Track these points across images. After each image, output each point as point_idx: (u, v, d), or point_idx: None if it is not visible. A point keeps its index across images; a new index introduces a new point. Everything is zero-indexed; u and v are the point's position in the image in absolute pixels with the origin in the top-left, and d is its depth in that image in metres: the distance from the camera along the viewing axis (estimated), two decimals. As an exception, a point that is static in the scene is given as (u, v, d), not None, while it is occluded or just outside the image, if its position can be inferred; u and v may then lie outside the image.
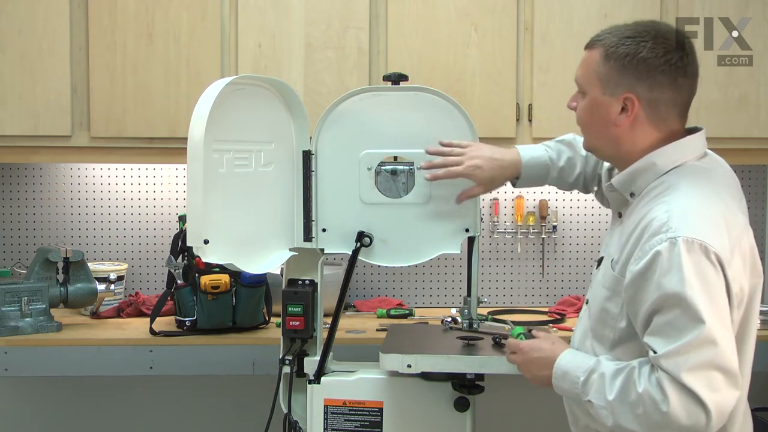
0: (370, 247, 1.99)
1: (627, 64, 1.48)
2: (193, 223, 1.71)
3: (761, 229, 3.10)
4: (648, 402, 1.37)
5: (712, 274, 1.37)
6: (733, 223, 1.44)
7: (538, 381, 1.63)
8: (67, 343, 2.47)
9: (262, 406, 2.09)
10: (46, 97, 2.62)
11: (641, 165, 1.52)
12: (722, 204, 1.46)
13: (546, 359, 1.59)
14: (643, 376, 1.39)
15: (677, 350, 1.35)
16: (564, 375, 1.54)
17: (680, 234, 1.37)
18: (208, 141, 1.71)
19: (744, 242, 1.45)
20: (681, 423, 1.34)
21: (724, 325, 1.36)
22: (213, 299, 2.49)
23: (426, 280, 3.09)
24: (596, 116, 1.54)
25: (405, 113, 1.98)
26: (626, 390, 1.41)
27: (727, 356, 1.35)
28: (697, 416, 1.34)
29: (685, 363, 1.34)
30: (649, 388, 1.37)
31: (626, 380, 1.42)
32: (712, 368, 1.34)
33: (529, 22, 2.68)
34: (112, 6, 2.62)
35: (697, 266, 1.36)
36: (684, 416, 1.34)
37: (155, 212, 3.04)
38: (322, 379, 1.98)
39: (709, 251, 1.37)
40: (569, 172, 1.87)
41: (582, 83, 1.57)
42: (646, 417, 1.38)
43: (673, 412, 1.34)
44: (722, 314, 1.37)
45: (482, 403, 2.03)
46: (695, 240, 1.37)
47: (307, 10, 2.65)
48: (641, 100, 1.49)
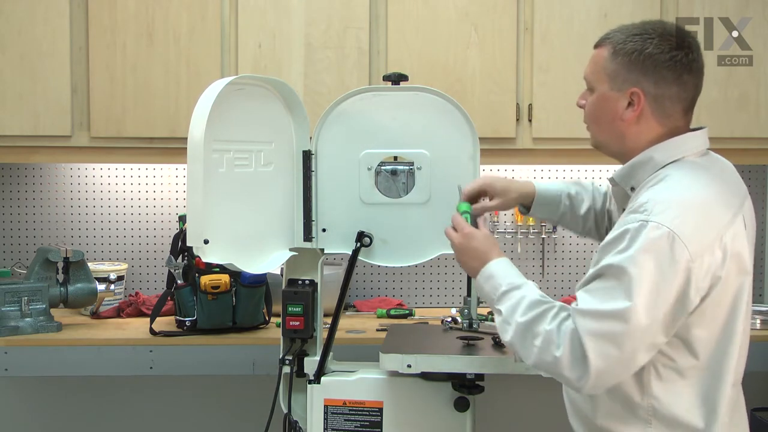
0: (370, 247, 1.99)
1: (634, 60, 1.51)
2: (193, 223, 1.71)
3: (761, 229, 3.10)
4: (546, 340, 1.45)
5: (667, 264, 1.38)
6: (717, 217, 1.45)
7: (465, 267, 1.70)
8: (67, 343, 2.47)
9: (262, 406, 2.09)
10: (46, 97, 2.62)
11: (640, 158, 1.54)
12: (709, 198, 1.47)
13: (482, 253, 1.66)
14: (557, 318, 1.47)
15: (594, 313, 1.41)
16: (489, 277, 1.61)
17: (652, 219, 1.40)
18: (208, 141, 1.71)
19: (727, 237, 1.44)
20: (563, 372, 1.43)
21: (652, 316, 1.38)
22: (213, 299, 2.49)
23: (426, 280, 3.09)
24: (603, 111, 1.57)
25: (405, 113, 1.98)
26: (536, 321, 1.48)
27: (633, 341, 1.39)
28: (578, 373, 1.41)
29: (593, 327, 1.40)
30: (554, 330, 1.45)
31: (541, 314, 1.49)
32: (612, 344, 1.39)
33: (529, 22, 2.68)
34: (112, 6, 2.62)
35: (656, 253, 1.38)
36: (568, 367, 1.42)
37: (155, 212, 3.04)
38: (322, 379, 1.98)
39: (675, 241, 1.38)
40: (578, 203, 1.89)
41: (590, 80, 1.59)
42: (538, 351, 1.46)
43: (562, 359, 1.43)
44: (656, 304, 1.38)
45: (482, 403, 2.03)
46: (665, 227, 1.39)
47: (307, 10, 2.65)
48: (647, 95, 1.51)
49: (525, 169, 3.05)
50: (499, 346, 1.95)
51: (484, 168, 3.00)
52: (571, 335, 1.42)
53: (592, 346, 1.39)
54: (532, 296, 1.53)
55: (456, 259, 1.71)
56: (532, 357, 1.47)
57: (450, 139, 1.96)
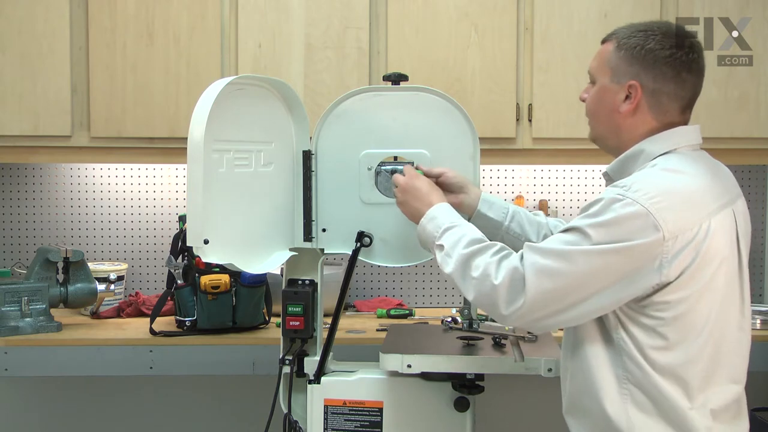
0: (370, 247, 1.99)
1: (636, 54, 1.55)
2: (193, 223, 1.71)
3: (761, 229, 3.10)
4: (485, 272, 1.50)
5: (631, 240, 1.40)
6: (700, 204, 1.46)
7: (406, 208, 1.79)
8: (67, 343, 2.47)
9: (262, 406, 2.09)
10: (46, 97, 2.62)
11: (632, 151, 1.57)
12: (694, 185, 1.48)
13: (424, 194, 1.76)
14: (498, 254, 1.53)
15: (542, 250, 1.46)
16: (433, 219, 1.68)
17: (629, 196, 1.43)
18: (208, 141, 1.71)
19: (711, 224, 1.45)
20: (498, 300, 1.47)
21: (597, 273, 1.42)
22: (213, 299, 2.49)
23: (426, 280, 3.09)
24: (602, 103, 1.60)
25: (405, 113, 1.98)
26: (477, 253, 1.54)
27: (571, 282, 1.43)
28: (512, 303, 1.46)
29: (537, 261, 1.45)
30: (494, 263, 1.50)
31: (482, 248, 1.55)
32: (550, 279, 1.43)
33: (529, 22, 2.68)
34: (112, 6, 2.62)
35: (622, 227, 1.41)
36: (504, 296, 1.47)
37: (155, 212, 3.04)
38: (322, 379, 1.98)
39: (648, 219, 1.40)
40: (514, 240, 1.88)
41: (594, 72, 1.64)
42: (476, 283, 1.51)
43: (499, 288, 1.47)
44: (606, 267, 1.42)
45: (482, 403, 2.03)
46: (639, 204, 1.41)
47: (307, 10, 2.65)
48: (644, 89, 1.55)
49: (525, 169, 3.06)
50: (499, 347, 1.95)
51: (484, 168, 3.01)
52: (513, 268, 1.47)
53: (532, 278, 1.44)
54: (474, 234, 1.61)
55: (398, 202, 1.81)
56: (471, 289, 1.53)
57: (450, 139, 1.96)
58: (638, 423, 1.46)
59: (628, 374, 1.47)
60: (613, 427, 1.48)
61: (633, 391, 1.47)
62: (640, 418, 1.46)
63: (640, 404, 1.47)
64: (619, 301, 1.45)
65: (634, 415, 1.47)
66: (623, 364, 1.48)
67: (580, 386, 1.56)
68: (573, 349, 1.58)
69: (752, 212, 3.04)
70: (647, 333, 1.46)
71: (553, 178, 3.07)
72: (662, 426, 1.46)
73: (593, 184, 3.08)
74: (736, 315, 1.52)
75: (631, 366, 1.47)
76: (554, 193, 3.07)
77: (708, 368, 1.47)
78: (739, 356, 1.53)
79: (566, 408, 1.63)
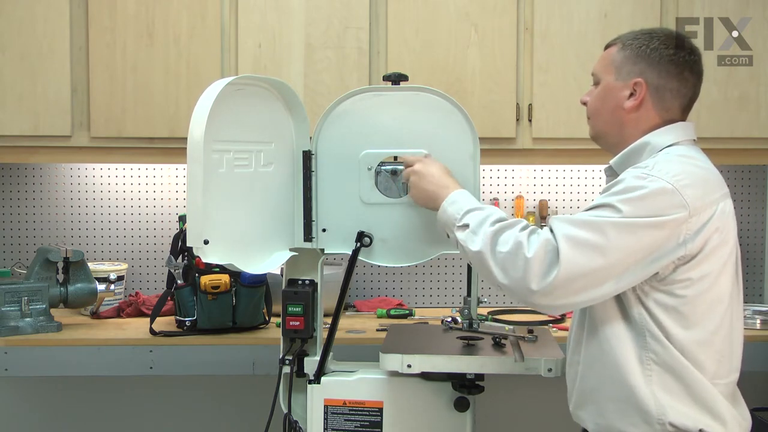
0: (370, 247, 1.99)
1: (640, 53, 1.60)
2: (193, 223, 1.71)
3: (761, 229, 3.10)
4: (517, 244, 1.47)
5: (658, 214, 1.43)
6: (713, 187, 1.52)
7: (418, 191, 1.79)
8: (67, 343, 2.47)
9: (262, 406, 2.09)
10: (46, 97, 2.62)
11: (638, 144, 1.60)
12: (707, 171, 1.54)
13: (441, 179, 1.75)
14: (526, 229, 1.51)
15: (574, 221, 1.46)
16: (454, 202, 1.67)
17: (654, 174, 1.46)
18: (208, 141, 1.71)
19: (722, 207, 1.51)
20: (529, 275, 1.44)
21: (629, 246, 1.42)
22: (213, 299, 2.49)
23: (426, 280, 3.09)
24: (606, 101, 1.64)
25: (405, 113, 1.98)
26: (505, 228, 1.52)
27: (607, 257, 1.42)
28: (545, 277, 1.43)
29: (571, 232, 1.44)
30: (524, 236, 1.48)
31: (510, 224, 1.53)
32: (584, 252, 1.42)
33: (529, 22, 2.68)
34: (112, 6, 2.62)
35: (649, 201, 1.43)
36: (537, 269, 1.43)
37: (155, 212, 3.04)
38: (322, 379, 1.98)
39: (674, 195, 1.44)
40: None
41: (598, 73, 1.67)
42: (507, 256, 1.48)
43: (533, 262, 1.44)
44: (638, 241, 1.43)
45: (482, 403, 2.03)
46: (664, 180, 1.45)
47: (307, 10, 2.65)
48: (649, 85, 1.59)
49: (525, 169, 3.06)
50: (499, 347, 1.95)
51: (484, 168, 3.00)
52: (545, 240, 1.45)
53: (566, 248, 1.43)
54: (499, 213, 1.59)
55: (411, 184, 1.80)
56: (499, 264, 1.49)
57: (450, 139, 1.96)
58: (666, 404, 1.47)
59: (652, 354, 1.48)
60: (643, 410, 1.48)
61: (657, 371, 1.48)
62: (667, 399, 1.47)
63: (666, 385, 1.48)
64: (643, 277, 1.47)
65: (662, 396, 1.48)
66: (645, 344, 1.49)
67: (599, 374, 1.55)
68: (588, 336, 1.58)
69: (752, 212, 3.06)
70: (667, 312, 1.48)
71: (553, 178, 3.07)
72: (690, 406, 1.47)
73: (593, 184, 3.08)
74: (741, 304, 1.58)
75: (654, 345, 1.48)
76: (554, 193, 3.07)
77: (722, 350, 1.50)
78: (740, 345, 1.57)
79: (576, 403, 1.63)
